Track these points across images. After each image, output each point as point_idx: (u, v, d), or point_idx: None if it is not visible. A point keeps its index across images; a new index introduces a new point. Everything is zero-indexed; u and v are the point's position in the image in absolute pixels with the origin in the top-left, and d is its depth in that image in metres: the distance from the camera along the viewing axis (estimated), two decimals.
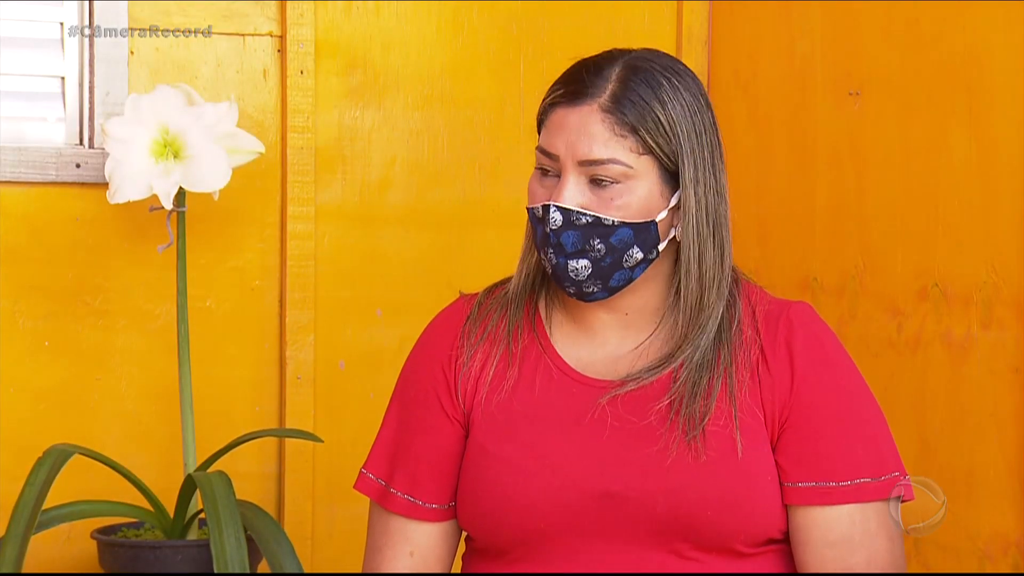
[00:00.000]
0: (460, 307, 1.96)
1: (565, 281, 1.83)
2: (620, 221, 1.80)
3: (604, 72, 1.82)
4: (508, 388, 1.88)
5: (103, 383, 2.60)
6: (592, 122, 1.80)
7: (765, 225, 2.74)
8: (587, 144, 1.80)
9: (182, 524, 2.32)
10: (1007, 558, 2.21)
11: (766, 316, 1.87)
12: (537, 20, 2.82)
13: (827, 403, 1.83)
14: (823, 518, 1.81)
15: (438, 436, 1.90)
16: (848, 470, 1.81)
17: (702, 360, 1.83)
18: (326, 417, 2.69)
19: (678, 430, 1.80)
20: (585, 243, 1.80)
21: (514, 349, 1.90)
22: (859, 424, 1.83)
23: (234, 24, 2.66)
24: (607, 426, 1.82)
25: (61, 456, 2.16)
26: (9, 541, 2.02)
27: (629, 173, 1.80)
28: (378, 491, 1.94)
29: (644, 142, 1.80)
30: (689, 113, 1.82)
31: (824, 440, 1.82)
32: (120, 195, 2.35)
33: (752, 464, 1.80)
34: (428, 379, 1.92)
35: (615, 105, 1.80)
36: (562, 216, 1.80)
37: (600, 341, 1.89)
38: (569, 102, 1.82)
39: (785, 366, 1.83)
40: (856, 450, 1.82)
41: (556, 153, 1.81)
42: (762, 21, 2.79)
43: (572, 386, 1.86)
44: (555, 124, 1.83)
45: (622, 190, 1.80)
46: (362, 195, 2.74)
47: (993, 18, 2.26)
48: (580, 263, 1.81)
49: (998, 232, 2.23)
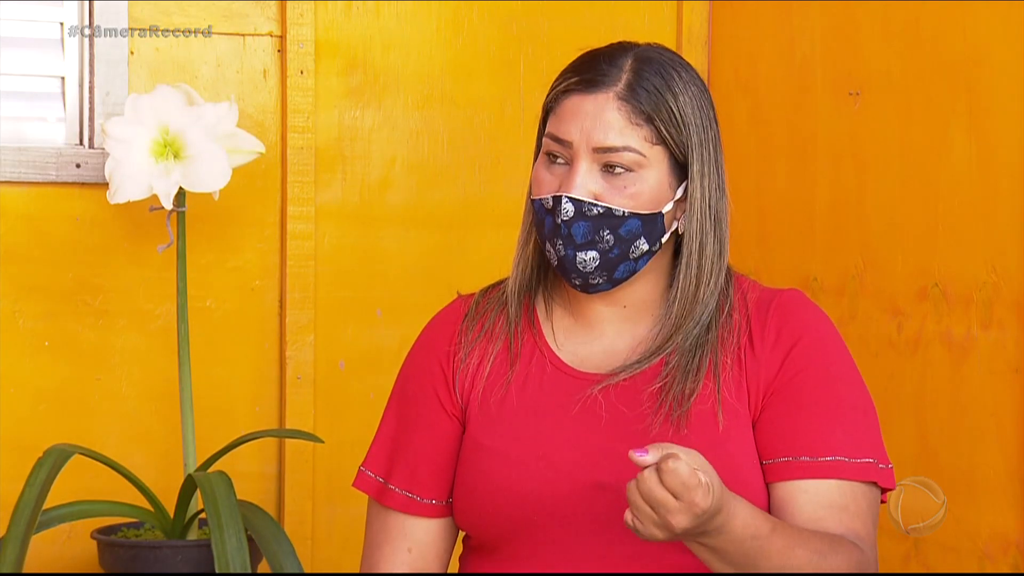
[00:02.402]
0: (457, 306, 1.97)
1: (572, 273, 1.83)
2: (630, 212, 1.81)
3: (617, 61, 1.83)
4: (504, 384, 1.89)
5: (103, 383, 2.60)
6: (608, 109, 1.81)
7: (765, 225, 2.74)
8: (603, 131, 1.80)
9: (182, 524, 2.32)
10: (1007, 558, 2.21)
11: (757, 302, 1.88)
12: (537, 20, 2.82)
13: (811, 383, 1.82)
14: (802, 491, 1.79)
15: (436, 432, 1.91)
16: (824, 448, 1.79)
17: (692, 344, 1.84)
18: (326, 417, 2.69)
19: (664, 412, 1.80)
20: (595, 234, 1.80)
21: (513, 346, 1.90)
22: (842, 407, 1.82)
23: (234, 24, 2.66)
24: (600, 418, 1.83)
25: (61, 456, 2.16)
26: (9, 541, 2.02)
27: (642, 162, 1.81)
28: (376, 488, 1.94)
29: (658, 132, 1.81)
30: (698, 106, 1.84)
31: (803, 416, 1.81)
32: (120, 195, 2.35)
33: (733, 442, 1.80)
34: (426, 376, 1.93)
35: (631, 94, 1.81)
36: (574, 207, 1.80)
37: (597, 334, 1.89)
38: (584, 90, 1.82)
39: (773, 349, 1.84)
40: (835, 431, 1.80)
41: (570, 139, 1.81)
42: (762, 21, 2.79)
43: (566, 380, 1.87)
44: (569, 111, 1.83)
45: (634, 179, 1.81)
46: (362, 195, 2.74)
47: (993, 18, 2.26)
48: (588, 255, 1.81)
49: (998, 232, 2.23)
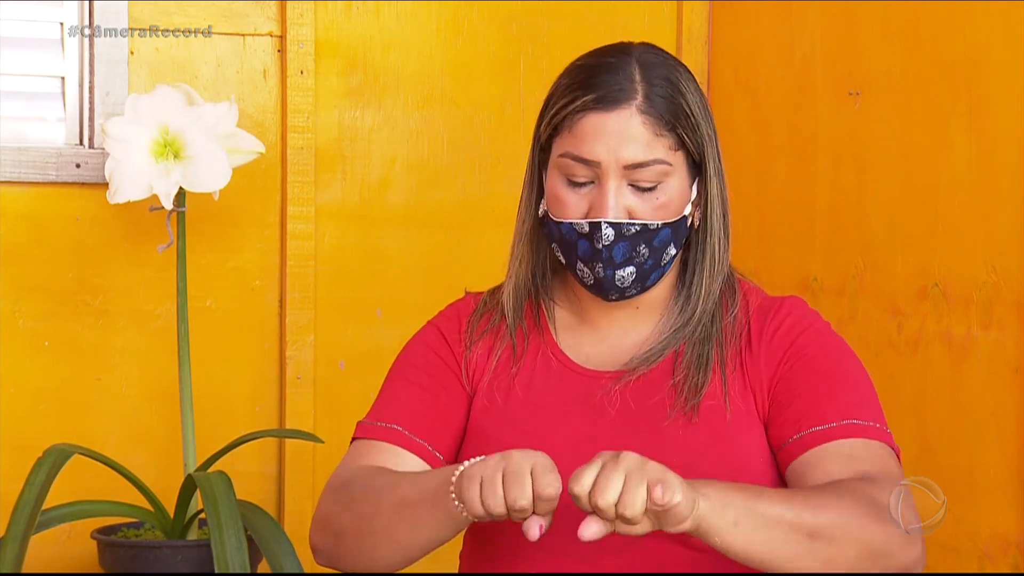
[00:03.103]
0: (467, 302, 1.98)
1: (611, 291, 1.83)
2: (662, 223, 1.81)
3: (625, 72, 1.82)
4: (510, 379, 1.89)
5: (103, 383, 2.60)
6: (633, 125, 1.80)
7: (765, 225, 2.74)
8: (631, 147, 1.79)
9: (182, 524, 2.32)
10: (1007, 558, 2.21)
11: (759, 308, 1.89)
12: (537, 20, 2.82)
13: (812, 367, 1.83)
14: (808, 462, 1.78)
15: (444, 384, 1.90)
16: (835, 414, 1.79)
17: (700, 336, 1.85)
18: (326, 417, 2.69)
19: (679, 405, 1.81)
20: (632, 251, 1.81)
21: (518, 346, 1.90)
22: (844, 383, 1.83)
23: (234, 24, 2.66)
24: (608, 415, 1.83)
25: (61, 456, 2.16)
26: (9, 541, 2.01)
27: (668, 171, 1.81)
28: (367, 428, 1.91)
29: (679, 138, 1.82)
30: (701, 102, 1.86)
31: (806, 397, 1.81)
32: (120, 195, 2.35)
33: (741, 433, 1.82)
34: (436, 348, 1.93)
35: (650, 105, 1.80)
36: (614, 231, 1.79)
37: (603, 334, 1.90)
38: (604, 108, 1.80)
39: (772, 347, 1.85)
40: (837, 403, 1.80)
41: (597, 160, 1.80)
42: (762, 21, 2.79)
43: (574, 378, 1.88)
44: (591, 131, 1.81)
45: (662, 189, 1.81)
46: (362, 195, 2.74)
47: (993, 18, 2.26)
48: (627, 271, 1.82)
49: (998, 232, 2.23)
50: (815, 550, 1.64)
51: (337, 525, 1.81)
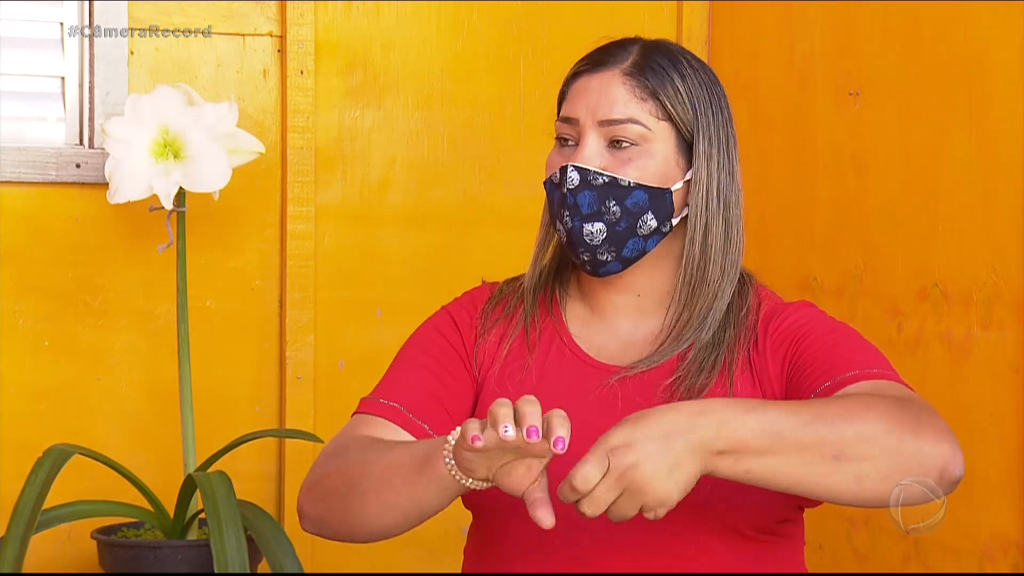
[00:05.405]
0: (483, 290, 2.00)
1: (580, 247, 1.84)
2: (636, 183, 1.83)
3: (626, 46, 1.88)
4: (522, 368, 1.90)
5: (103, 383, 2.60)
6: (614, 85, 1.85)
7: (765, 225, 2.74)
8: (608, 105, 1.84)
9: (182, 524, 2.32)
10: (1007, 558, 2.21)
11: (769, 311, 1.89)
12: (537, 20, 2.82)
13: (821, 336, 1.82)
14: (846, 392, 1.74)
15: (449, 369, 1.91)
16: (856, 365, 1.77)
17: (710, 341, 1.86)
18: (326, 417, 2.69)
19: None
20: (601, 204, 1.82)
21: (531, 334, 1.92)
22: (858, 342, 1.83)
23: (234, 24, 2.66)
24: (615, 408, 1.83)
25: (61, 456, 2.16)
26: (9, 541, 2.01)
27: (647, 136, 1.83)
28: (366, 404, 1.91)
29: (663, 107, 1.84)
30: (706, 90, 1.88)
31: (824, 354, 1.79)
32: (120, 195, 2.35)
33: None
34: (447, 334, 1.94)
35: (636, 70, 1.85)
36: (579, 176, 1.82)
37: (614, 327, 1.91)
38: (591, 70, 1.87)
39: (776, 341, 1.85)
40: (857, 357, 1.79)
41: (576, 117, 1.85)
42: (762, 21, 2.79)
43: (584, 369, 1.89)
44: (576, 91, 1.87)
45: (640, 152, 1.83)
46: (362, 195, 2.75)
47: (993, 18, 2.26)
48: (595, 226, 1.83)
49: (998, 232, 2.23)
50: (843, 469, 1.61)
51: (325, 486, 1.81)
